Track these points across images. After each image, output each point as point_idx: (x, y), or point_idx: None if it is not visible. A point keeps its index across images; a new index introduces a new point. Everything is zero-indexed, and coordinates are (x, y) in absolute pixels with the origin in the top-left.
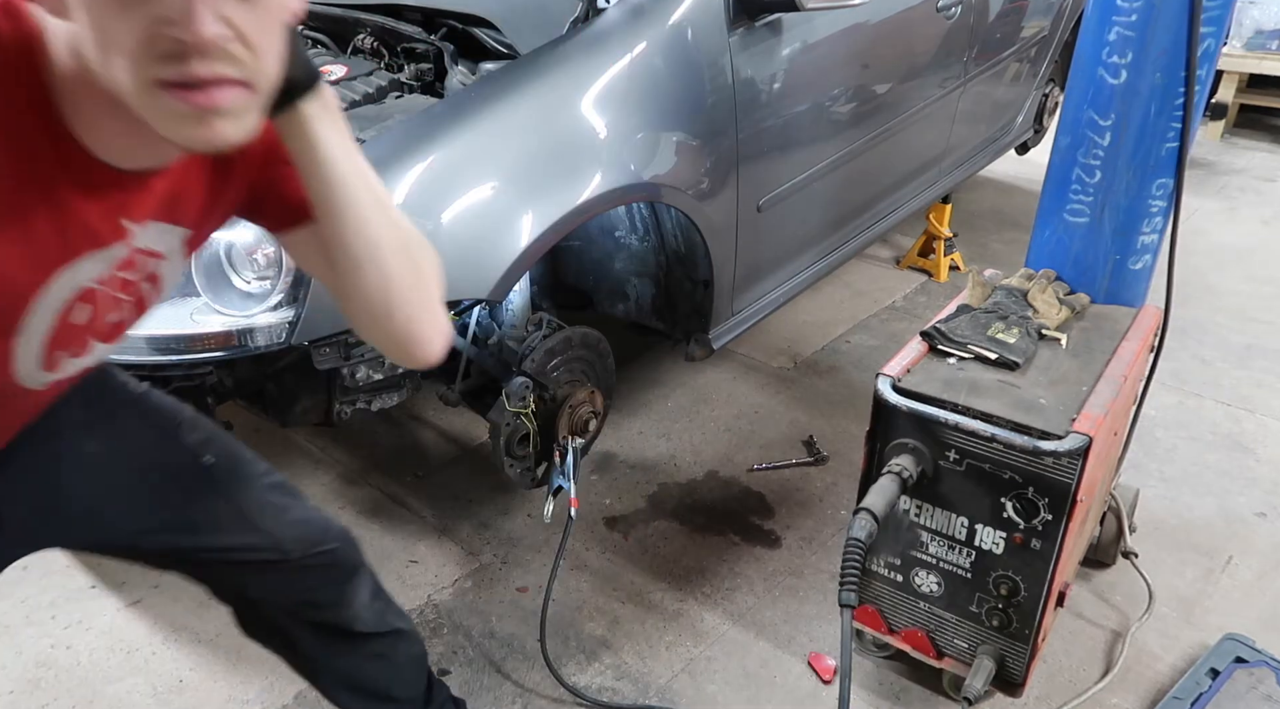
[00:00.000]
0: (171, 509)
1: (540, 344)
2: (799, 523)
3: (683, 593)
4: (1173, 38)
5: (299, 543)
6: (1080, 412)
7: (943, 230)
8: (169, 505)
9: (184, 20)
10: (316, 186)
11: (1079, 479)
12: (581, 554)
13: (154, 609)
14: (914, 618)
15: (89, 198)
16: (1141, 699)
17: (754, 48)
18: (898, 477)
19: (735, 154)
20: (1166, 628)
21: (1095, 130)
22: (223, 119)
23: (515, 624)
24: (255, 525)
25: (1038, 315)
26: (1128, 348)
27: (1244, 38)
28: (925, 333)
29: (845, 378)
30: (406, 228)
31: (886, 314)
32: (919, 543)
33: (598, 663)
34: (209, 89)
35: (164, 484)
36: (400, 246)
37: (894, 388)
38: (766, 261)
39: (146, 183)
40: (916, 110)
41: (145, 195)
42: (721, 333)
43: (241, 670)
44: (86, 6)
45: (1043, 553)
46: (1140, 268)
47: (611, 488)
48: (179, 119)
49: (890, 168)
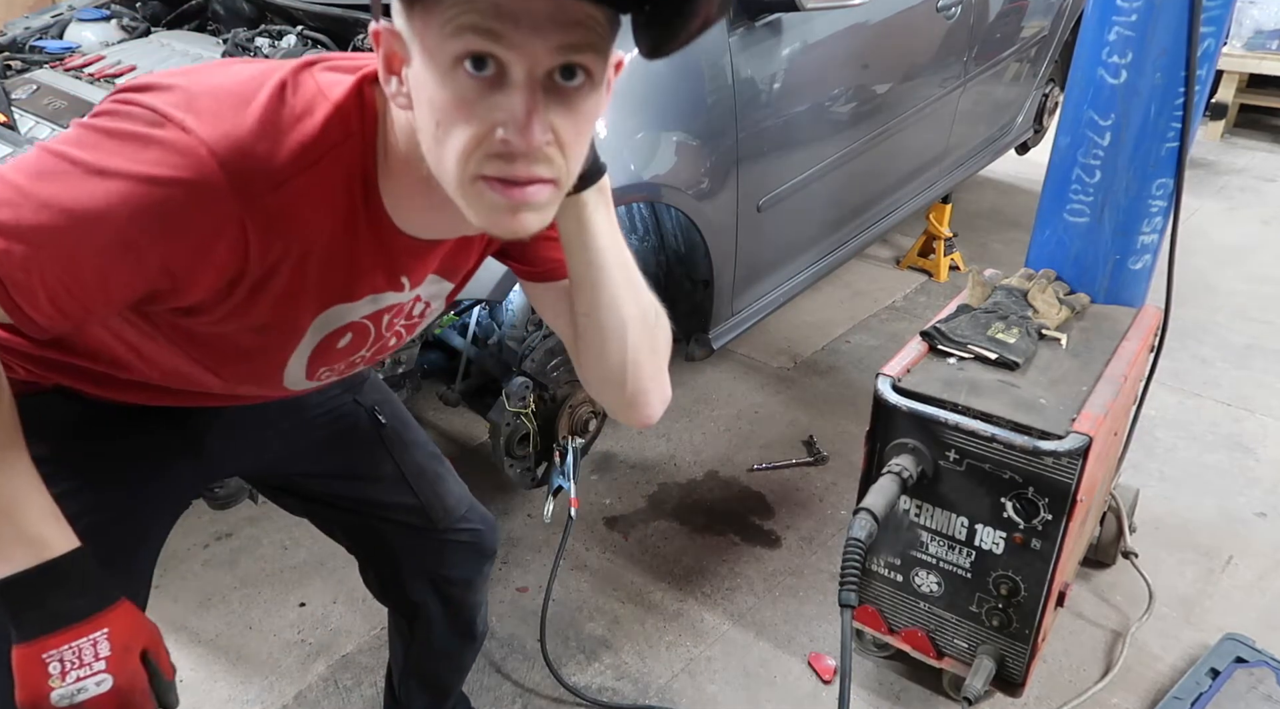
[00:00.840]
0: (343, 458)
1: (540, 344)
2: (799, 523)
3: (683, 593)
4: (1173, 38)
5: (446, 514)
6: (1080, 412)
7: (943, 230)
8: (341, 453)
9: (518, 128)
10: (579, 265)
11: (1079, 479)
12: (581, 554)
13: (154, 609)
14: (914, 618)
15: (379, 256)
16: (1141, 699)
17: (754, 48)
18: (898, 477)
19: (735, 154)
20: (1166, 628)
21: (1095, 130)
22: (531, 212)
23: (515, 624)
24: (410, 488)
25: (1038, 315)
26: (1128, 348)
27: (1244, 38)
28: (925, 333)
29: (845, 378)
30: (650, 303)
31: (886, 314)
32: (919, 543)
33: (598, 663)
34: (525, 187)
35: (344, 434)
36: (643, 323)
37: (894, 388)
38: (766, 262)
39: (432, 249)
40: (916, 110)
41: (428, 260)
42: (721, 333)
43: (241, 670)
44: (433, 108)
45: (1043, 553)
46: (1140, 268)
47: (611, 488)
48: (494, 210)
49: (890, 168)
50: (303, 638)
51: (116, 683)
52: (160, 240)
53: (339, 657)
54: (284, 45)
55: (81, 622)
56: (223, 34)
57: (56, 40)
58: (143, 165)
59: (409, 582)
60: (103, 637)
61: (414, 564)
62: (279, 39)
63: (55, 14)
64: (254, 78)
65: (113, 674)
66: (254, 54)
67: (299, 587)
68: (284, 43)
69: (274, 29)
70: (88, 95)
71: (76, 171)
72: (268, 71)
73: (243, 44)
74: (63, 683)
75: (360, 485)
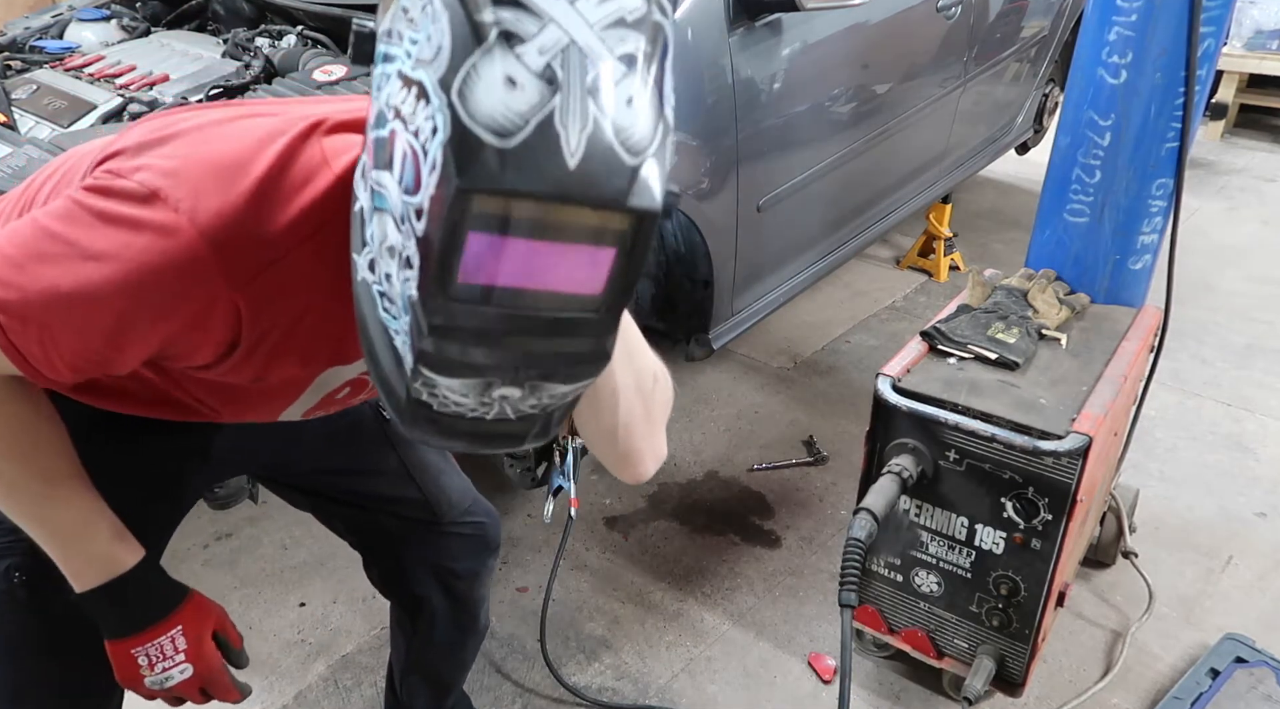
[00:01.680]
0: (347, 453)
1: None
2: (799, 523)
3: (683, 593)
4: (1173, 38)
5: (450, 508)
6: (1080, 412)
7: (943, 230)
8: (346, 449)
9: None
10: None
11: (1079, 479)
12: (581, 554)
13: None
14: (914, 618)
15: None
16: (1141, 699)
17: (754, 48)
18: (898, 477)
19: (735, 154)
20: (1166, 628)
21: (1095, 130)
22: None
23: (515, 624)
24: (414, 482)
25: (1038, 315)
26: (1128, 348)
27: (1244, 38)
28: (925, 333)
29: (845, 378)
30: (646, 367)
31: (886, 314)
32: (919, 543)
33: (598, 663)
34: None
35: (349, 429)
36: (637, 390)
37: (894, 388)
38: (766, 262)
39: None
40: (916, 110)
41: None
42: (721, 333)
43: (241, 670)
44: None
45: (1043, 553)
46: (1140, 268)
47: (611, 488)
48: None
49: (890, 168)
50: (303, 638)
51: (197, 669)
52: (159, 319)
53: (339, 657)
54: (284, 45)
55: (158, 623)
56: (223, 34)
57: (56, 40)
58: (134, 251)
59: (413, 575)
60: (178, 633)
61: (418, 558)
62: (279, 39)
63: (55, 14)
64: (257, 142)
65: (192, 662)
66: (254, 54)
67: (299, 587)
68: (284, 43)
69: (274, 29)
70: (88, 95)
71: (73, 255)
72: (273, 134)
73: (243, 44)
74: (151, 673)
75: (364, 480)
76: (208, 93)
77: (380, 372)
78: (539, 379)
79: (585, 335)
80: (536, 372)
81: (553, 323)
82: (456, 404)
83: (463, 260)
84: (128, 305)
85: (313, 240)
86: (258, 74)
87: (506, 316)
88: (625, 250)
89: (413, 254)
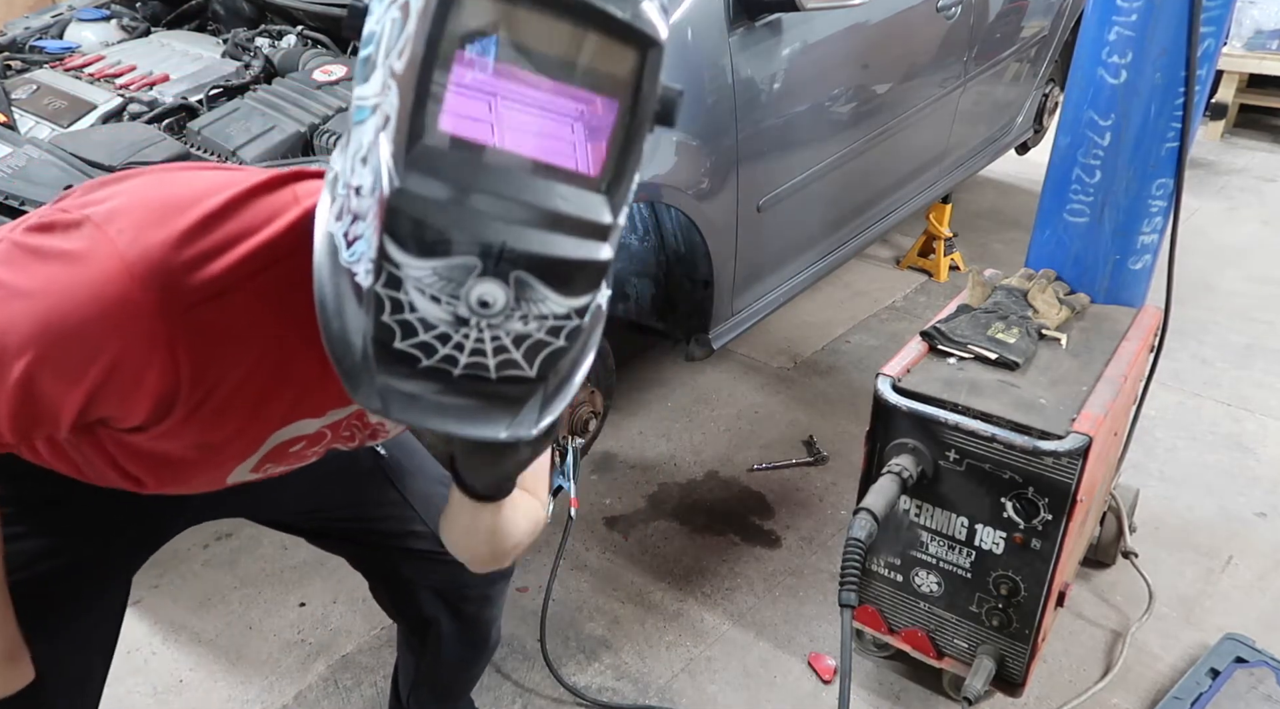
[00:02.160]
0: (344, 495)
1: None
2: (799, 523)
3: (683, 593)
4: (1173, 38)
5: None
6: (1080, 412)
7: (943, 230)
8: (342, 490)
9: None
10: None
11: (1079, 479)
12: (581, 554)
13: (154, 609)
14: (914, 618)
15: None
16: (1141, 699)
17: (754, 48)
18: (898, 477)
19: (735, 154)
20: (1166, 628)
21: (1095, 130)
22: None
23: (515, 624)
24: (419, 517)
25: (1038, 315)
26: (1128, 348)
27: (1244, 38)
28: (925, 333)
29: (845, 378)
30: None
31: (886, 314)
32: (919, 543)
33: (598, 663)
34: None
35: (343, 472)
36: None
37: (894, 388)
38: (766, 261)
39: None
40: (916, 110)
41: None
42: (721, 333)
43: (241, 670)
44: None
45: (1043, 553)
46: (1140, 268)
47: (611, 488)
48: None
49: (890, 168)
50: (303, 638)
51: None
52: (89, 359)
53: (339, 657)
54: (284, 45)
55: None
56: (223, 34)
57: (56, 40)
58: (61, 285)
59: (422, 600)
60: None
61: (428, 585)
62: (279, 39)
63: (55, 14)
64: (214, 186)
65: None
66: (254, 54)
67: (299, 587)
68: (284, 43)
69: (274, 29)
70: (88, 95)
71: (3, 294)
72: (236, 181)
73: (243, 44)
74: None
75: (366, 520)
76: (208, 93)
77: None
78: (525, 272)
79: (579, 233)
80: (523, 259)
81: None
82: (426, 324)
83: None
84: (53, 344)
85: (265, 275)
86: (258, 74)
87: (489, 169)
88: (626, 107)
89: (392, 110)
